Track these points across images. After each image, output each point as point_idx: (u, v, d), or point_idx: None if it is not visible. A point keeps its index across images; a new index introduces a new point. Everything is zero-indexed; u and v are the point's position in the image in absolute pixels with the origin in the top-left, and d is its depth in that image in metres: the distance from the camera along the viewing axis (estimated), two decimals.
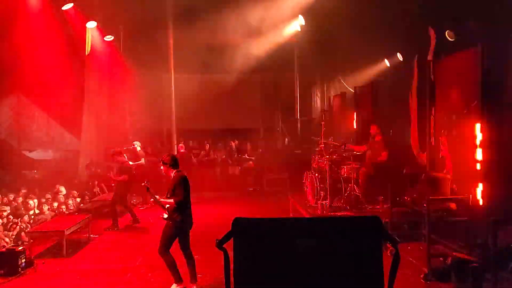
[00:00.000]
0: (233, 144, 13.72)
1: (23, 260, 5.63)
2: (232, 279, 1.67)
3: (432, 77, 6.50)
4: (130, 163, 9.20)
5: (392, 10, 8.22)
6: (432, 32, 6.99)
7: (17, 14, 9.82)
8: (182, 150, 11.82)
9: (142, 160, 10.10)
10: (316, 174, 7.99)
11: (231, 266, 1.65)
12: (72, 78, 11.63)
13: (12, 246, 6.21)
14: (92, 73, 12.35)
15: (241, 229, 1.60)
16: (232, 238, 1.62)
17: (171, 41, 12.39)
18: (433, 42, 6.99)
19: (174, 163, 5.11)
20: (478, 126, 5.17)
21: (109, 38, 12.07)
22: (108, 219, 8.81)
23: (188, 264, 5.06)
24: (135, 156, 10.10)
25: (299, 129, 14.23)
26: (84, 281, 5.35)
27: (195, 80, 14.60)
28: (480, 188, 5.16)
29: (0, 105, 13.40)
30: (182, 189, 4.90)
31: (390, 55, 10.18)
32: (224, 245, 1.78)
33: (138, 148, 10.37)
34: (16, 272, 5.46)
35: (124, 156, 8.74)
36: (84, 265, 5.98)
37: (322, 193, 7.67)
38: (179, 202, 4.87)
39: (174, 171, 5.09)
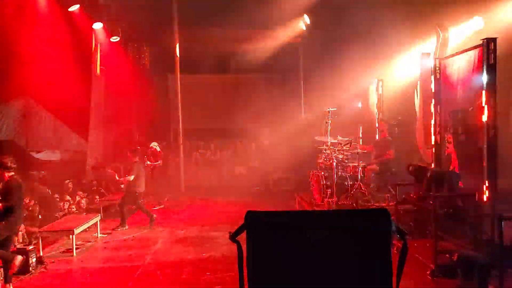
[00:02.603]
0: (238, 143, 13.79)
1: (34, 259, 5.73)
2: (245, 270, 1.73)
3: (437, 74, 6.51)
4: (148, 162, 9.33)
5: (397, 8, 8.23)
6: (437, 30, 7.00)
7: (24, 16, 9.94)
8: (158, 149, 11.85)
9: (160, 161, 10.26)
10: (322, 173, 8.03)
11: (244, 258, 1.71)
12: (78, 79, 11.74)
13: (23, 245, 6.31)
14: (99, 74, 12.47)
15: (254, 221, 1.65)
16: (245, 231, 1.67)
17: (176, 42, 12.47)
18: (438, 39, 7.00)
19: (9, 165, 5.10)
20: (484, 123, 5.18)
21: (115, 39, 12.19)
22: (116, 219, 8.91)
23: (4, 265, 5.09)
24: (155, 156, 10.30)
25: (305, 128, 14.25)
26: (94, 280, 5.42)
27: (201, 80, 14.69)
28: (486, 184, 5.17)
29: (8, 106, 13.57)
30: (15, 197, 4.96)
31: (396, 53, 10.16)
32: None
33: (158, 149, 10.54)
34: (27, 271, 5.55)
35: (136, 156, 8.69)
36: (93, 264, 6.06)
37: (328, 191, 7.70)
38: (9, 208, 4.92)
39: (9, 175, 5.10)
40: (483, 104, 5.20)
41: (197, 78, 14.54)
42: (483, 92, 5.22)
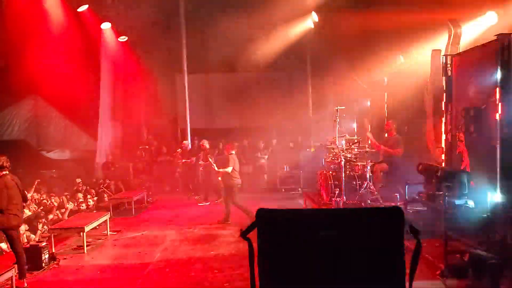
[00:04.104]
0: (246, 142, 13.77)
1: (46, 256, 5.81)
2: (256, 267, 1.72)
3: (448, 72, 6.42)
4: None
5: (408, 3, 8.12)
6: (449, 25, 6.89)
7: (34, 16, 10.07)
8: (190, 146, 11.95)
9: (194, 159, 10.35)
10: (331, 172, 7.99)
11: (255, 255, 1.70)
12: (88, 79, 11.86)
13: (36, 242, 6.41)
14: (107, 74, 12.58)
15: (265, 219, 1.65)
16: (256, 228, 1.67)
17: (184, 41, 12.50)
18: (449, 35, 6.89)
19: (2, 165, 5.20)
20: (497, 121, 5.09)
21: (123, 39, 12.28)
22: (124, 217, 9.03)
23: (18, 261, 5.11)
24: (189, 154, 10.44)
25: (312, 126, 14.20)
26: (105, 276, 5.48)
27: (208, 80, 14.72)
28: (498, 183, 5.08)
29: (18, 106, 13.77)
30: (2, 194, 5.06)
31: (405, 51, 10.05)
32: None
33: (190, 146, 10.64)
34: (40, 267, 5.65)
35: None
36: (104, 261, 6.12)
37: (336, 191, 7.66)
38: None
39: (1, 173, 5.19)
40: (497, 102, 5.11)
41: (204, 78, 14.57)
42: (497, 89, 5.13)
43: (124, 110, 13.64)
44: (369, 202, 7.45)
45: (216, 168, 8.29)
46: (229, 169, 7.96)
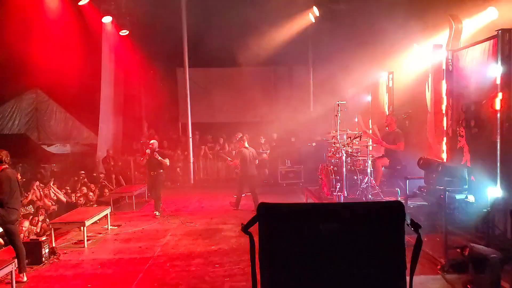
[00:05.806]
0: (247, 137, 13.73)
1: (47, 250, 5.83)
2: (257, 262, 1.72)
3: (450, 66, 6.39)
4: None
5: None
6: (450, 21, 6.85)
7: (35, 10, 10.01)
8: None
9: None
10: (332, 166, 7.98)
11: (257, 249, 1.70)
12: (89, 73, 11.83)
13: (36, 236, 6.43)
14: (108, 67, 12.54)
15: (266, 213, 1.65)
16: (257, 223, 1.67)
17: (185, 35, 12.46)
18: (451, 30, 6.85)
19: (2, 159, 5.24)
20: (498, 116, 5.08)
21: (124, 32, 12.23)
22: (125, 211, 9.05)
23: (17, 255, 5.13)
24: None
25: (313, 121, 14.17)
26: (105, 270, 5.50)
27: (209, 74, 14.68)
28: (498, 178, 5.09)
29: (20, 100, 13.78)
30: (4, 188, 5.08)
31: (407, 45, 9.99)
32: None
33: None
34: (40, 262, 5.67)
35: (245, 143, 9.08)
36: (104, 255, 6.14)
37: (337, 185, 7.66)
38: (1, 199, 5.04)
39: (1, 167, 5.22)
40: (497, 97, 5.10)
41: (205, 72, 14.53)
42: (497, 84, 5.11)
43: (125, 104, 13.62)
44: (370, 196, 7.45)
45: (229, 159, 9.38)
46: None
